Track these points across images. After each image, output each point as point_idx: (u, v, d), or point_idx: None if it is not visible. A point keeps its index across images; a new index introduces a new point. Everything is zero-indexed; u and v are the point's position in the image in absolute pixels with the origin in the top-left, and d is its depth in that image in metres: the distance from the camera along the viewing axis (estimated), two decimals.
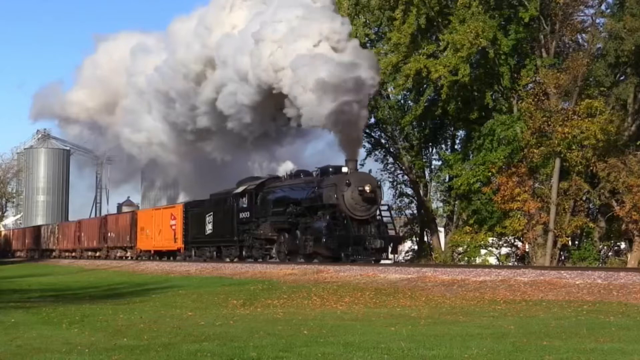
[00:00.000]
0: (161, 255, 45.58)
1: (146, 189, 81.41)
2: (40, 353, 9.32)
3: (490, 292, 17.41)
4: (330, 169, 29.02)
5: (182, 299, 18.97)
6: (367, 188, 27.18)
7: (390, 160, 40.87)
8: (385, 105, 38.26)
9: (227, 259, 35.78)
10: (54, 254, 66.66)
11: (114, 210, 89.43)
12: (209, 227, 37.29)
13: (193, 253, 39.96)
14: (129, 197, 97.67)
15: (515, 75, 32.93)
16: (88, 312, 15.00)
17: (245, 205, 33.44)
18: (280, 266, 29.36)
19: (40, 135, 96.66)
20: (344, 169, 28.09)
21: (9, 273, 40.41)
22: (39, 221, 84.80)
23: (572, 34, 33.41)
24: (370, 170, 37.26)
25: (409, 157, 38.76)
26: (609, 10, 33.93)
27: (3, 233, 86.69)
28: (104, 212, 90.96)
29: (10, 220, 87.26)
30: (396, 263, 31.46)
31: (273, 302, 17.24)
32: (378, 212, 28.30)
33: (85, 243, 58.82)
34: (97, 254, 56.48)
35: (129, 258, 49.00)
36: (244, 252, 34.18)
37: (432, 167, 40.36)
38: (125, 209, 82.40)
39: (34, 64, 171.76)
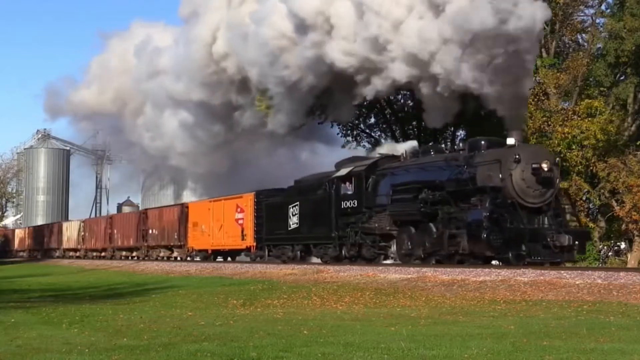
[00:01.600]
0: (223, 255, 39.52)
1: (147, 189, 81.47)
2: (40, 353, 9.32)
3: (490, 292, 17.41)
4: (483, 142, 23.26)
5: (182, 299, 18.97)
6: (544, 165, 21.49)
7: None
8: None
9: (318, 260, 29.77)
10: (78, 254, 60.27)
11: (114, 211, 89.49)
12: (292, 221, 30.56)
13: (267, 252, 33.54)
14: (129, 197, 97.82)
15: None
16: (88, 312, 15.00)
17: (350, 192, 27.01)
18: (280, 266, 29.37)
19: (40, 135, 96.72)
20: (510, 141, 22.15)
21: (9, 273, 40.40)
22: (39, 222, 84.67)
23: (572, 34, 33.47)
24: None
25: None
26: (609, 10, 33.99)
27: (17, 232, 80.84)
28: (104, 213, 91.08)
29: (10, 220, 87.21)
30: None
31: (273, 302, 17.24)
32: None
33: (119, 242, 51.95)
34: (134, 254, 49.98)
35: (178, 259, 42.84)
36: (344, 251, 27.78)
37: None
38: (125, 209, 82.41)
39: (34, 64, 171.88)
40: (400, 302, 16.48)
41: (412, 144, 29.14)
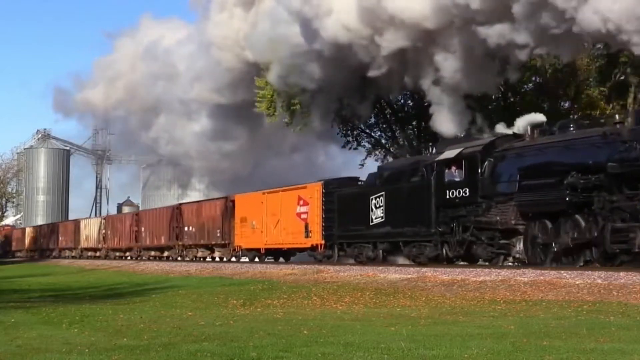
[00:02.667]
0: (278, 255, 34.91)
1: (154, 188, 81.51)
2: (40, 353, 9.32)
3: (490, 292, 17.41)
4: None
5: (182, 299, 18.97)
6: None
7: (391, 160, 40.87)
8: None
9: (407, 261, 25.38)
10: (98, 254, 55.92)
11: (114, 211, 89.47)
12: (376, 215, 25.87)
13: (336, 252, 28.93)
14: (129, 197, 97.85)
15: None
16: (88, 312, 14.99)
17: (458, 179, 22.72)
18: (280, 266, 29.39)
19: (40, 135, 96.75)
20: None
21: (9, 273, 40.40)
22: (39, 222, 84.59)
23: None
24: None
25: (409, 157, 38.76)
26: None
27: (27, 230, 76.84)
28: (104, 212, 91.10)
29: (10, 220, 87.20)
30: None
31: (273, 302, 17.24)
32: None
33: (148, 240, 47.04)
34: (166, 254, 45.18)
35: (222, 260, 38.35)
36: (445, 251, 23.48)
37: None
38: (125, 209, 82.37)
39: (34, 64, 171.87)
40: (400, 302, 16.48)
41: (535, 118, 23.64)
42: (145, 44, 55.94)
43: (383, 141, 41.10)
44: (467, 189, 22.24)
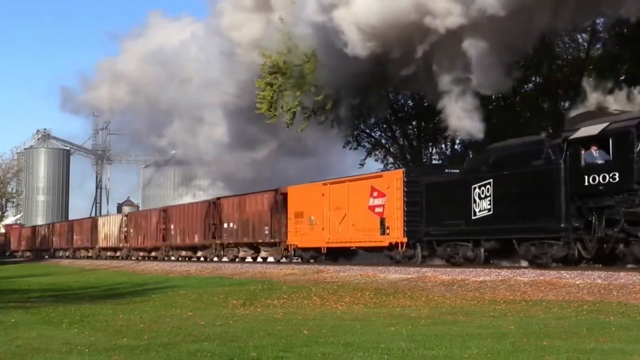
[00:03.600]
0: (340, 255, 29.85)
1: (149, 188, 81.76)
2: (40, 353, 9.32)
3: (490, 292, 17.41)
4: None
5: (182, 299, 18.97)
6: None
7: (391, 160, 40.90)
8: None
9: (525, 263, 21.41)
10: (119, 254, 51.51)
11: (114, 211, 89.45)
12: (481, 207, 21.83)
13: (420, 251, 25.22)
14: (129, 197, 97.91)
15: None
16: (88, 312, 15.00)
17: (602, 161, 18.77)
18: (280, 266, 29.38)
19: (40, 135, 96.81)
20: None
21: (9, 273, 40.40)
22: (39, 222, 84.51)
23: (572, 33, 33.44)
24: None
25: (410, 157, 38.77)
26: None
27: (38, 229, 72.84)
28: (104, 212, 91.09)
29: (10, 220, 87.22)
30: (396, 263, 26.36)
31: (273, 302, 17.24)
32: None
33: (178, 239, 42.40)
34: (199, 254, 41.00)
35: (273, 260, 34.01)
36: (578, 250, 19.52)
37: None
38: (125, 209, 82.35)
39: (34, 64, 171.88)
40: (400, 302, 16.49)
41: None
42: (154, 44, 56.27)
43: (383, 141, 41.09)
44: (617, 174, 18.06)
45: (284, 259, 32.72)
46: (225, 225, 37.35)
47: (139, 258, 47.50)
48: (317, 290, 20.04)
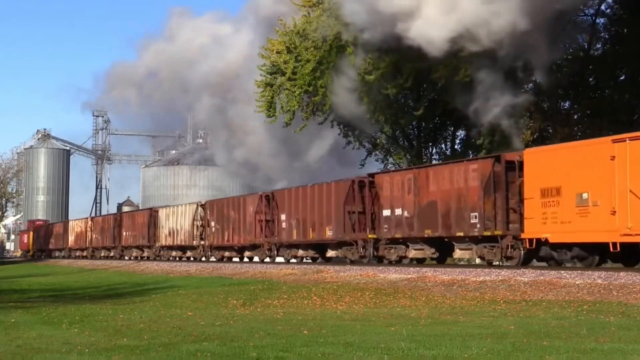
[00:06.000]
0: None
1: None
2: (40, 353, 9.32)
3: (490, 292, 17.41)
4: None
5: (182, 299, 18.96)
6: None
7: (391, 160, 40.87)
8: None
9: None
10: (190, 254, 41.71)
11: (114, 211, 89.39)
12: None
13: None
14: (129, 196, 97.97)
15: None
16: (88, 312, 15.00)
17: None
18: (280, 266, 29.37)
19: (40, 135, 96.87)
20: None
21: (9, 273, 40.40)
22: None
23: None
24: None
25: (409, 157, 38.76)
26: (609, 10, 33.97)
27: (71, 224, 63.62)
28: (104, 212, 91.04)
29: (10, 220, 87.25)
30: (396, 263, 26.13)
31: (273, 302, 17.24)
32: None
33: (295, 233, 31.59)
34: (332, 254, 30.77)
35: (499, 264, 22.75)
36: None
37: None
38: (125, 209, 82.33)
39: (35, 64, 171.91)
40: (400, 302, 16.48)
41: None
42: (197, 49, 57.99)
43: (383, 141, 41.05)
44: None
45: (509, 262, 22.04)
46: (387, 212, 26.34)
47: (225, 259, 38.14)
48: (317, 290, 20.04)
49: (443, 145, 40.40)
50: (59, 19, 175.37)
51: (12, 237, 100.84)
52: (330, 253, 30.58)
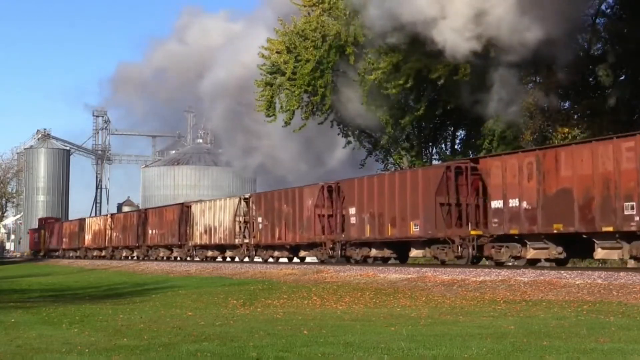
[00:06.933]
0: None
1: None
2: (40, 353, 9.31)
3: (490, 292, 17.41)
4: None
5: (182, 299, 18.96)
6: None
7: (391, 160, 40.85)
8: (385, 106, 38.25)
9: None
10: (232, 254, 37.60)
11: (114, 211, 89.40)
12: None
13: None
14: (129, 196, 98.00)
15: None
16: (88, 312, 14.99)
17: None
18: (280, 266, 29.34)
19: (40, 135, 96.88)
20: None
21: (9, 273, 40.38)
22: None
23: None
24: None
25: (409, 157, 38.74)
26: (609, 11, 33.95)
27: (88, 221, 59.36)
28: (104, 212, 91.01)
29: (10, 220, 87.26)
30: (396, 263, 26.35)
31: (273, 302, 17.23)
32: None
33: (371, 231, 26.89)
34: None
35: None
36: None
37: None
38: (125, 209, 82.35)
39: (35, 64, 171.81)
40: (400, 302, 16.48)
41: None
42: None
43: (383, 141, 41.04)
44: None
45: None
46: (498, 203, 22.44)
47: (274, 259, 34.04)
48: (317, 290, 20.03)
49: (443, 145, 40.41)
50: (59, 19, 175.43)
51: (12, 237, 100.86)
52: (415, 252, 26.20)
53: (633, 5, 31.13)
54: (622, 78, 33.17)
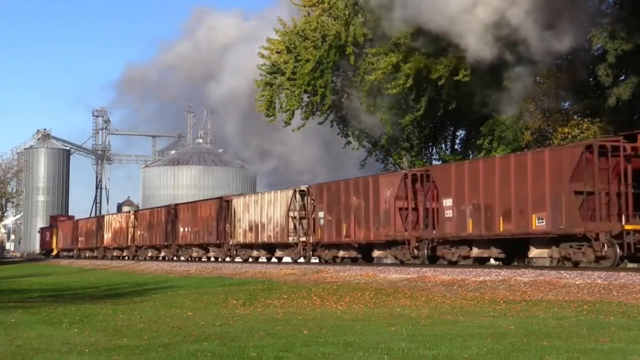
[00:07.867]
0: None
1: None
2: (40, 353, 9.31)
3: (490, 292, 17.41)
4: None
5: (182, 299, 18.95)
6: None
7: (391, 160, 40.84)
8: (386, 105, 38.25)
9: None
10: (282, 254, 33.75)
11: (114, 211, 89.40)
12: None
13: None
14: (129, 196, 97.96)
15: None
16: (88, 312, 14.99)
17: None
18: (280, 266, 29.32)
19: (40, 135, 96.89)
20: None
21: (9, 273, 40.38)
22: (39, 222, 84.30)
23: None
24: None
25: (409, 157, 38.74)
26: (609, 10, 33.91)
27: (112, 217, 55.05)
28: (104, 212, 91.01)
29: (10, 220, 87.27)
30: (396, 263, 25.37)
31: (273, 302, 17.23)
32: None
33: (474, 226, 22.75)
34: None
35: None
36: None
37: None
38: (125, 208, 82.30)
39: (35, 64, 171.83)
40: (400, 302, 16.47)
41: None
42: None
43: (384, 141, 41.02)
44: None
45: None
46: None
47: (338, 259, 29.49)
48: (317, 290, 20.02)
49: (443, 145, 40.39)
50: (59, 19, 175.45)
51: (12, 237, 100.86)
52: (535, 252, 21.58)
53: (633, 5, 31.14)
54: (622, 78, 33.15)
